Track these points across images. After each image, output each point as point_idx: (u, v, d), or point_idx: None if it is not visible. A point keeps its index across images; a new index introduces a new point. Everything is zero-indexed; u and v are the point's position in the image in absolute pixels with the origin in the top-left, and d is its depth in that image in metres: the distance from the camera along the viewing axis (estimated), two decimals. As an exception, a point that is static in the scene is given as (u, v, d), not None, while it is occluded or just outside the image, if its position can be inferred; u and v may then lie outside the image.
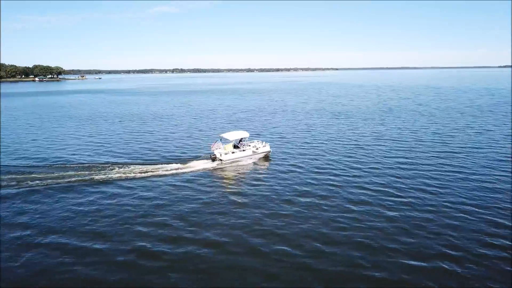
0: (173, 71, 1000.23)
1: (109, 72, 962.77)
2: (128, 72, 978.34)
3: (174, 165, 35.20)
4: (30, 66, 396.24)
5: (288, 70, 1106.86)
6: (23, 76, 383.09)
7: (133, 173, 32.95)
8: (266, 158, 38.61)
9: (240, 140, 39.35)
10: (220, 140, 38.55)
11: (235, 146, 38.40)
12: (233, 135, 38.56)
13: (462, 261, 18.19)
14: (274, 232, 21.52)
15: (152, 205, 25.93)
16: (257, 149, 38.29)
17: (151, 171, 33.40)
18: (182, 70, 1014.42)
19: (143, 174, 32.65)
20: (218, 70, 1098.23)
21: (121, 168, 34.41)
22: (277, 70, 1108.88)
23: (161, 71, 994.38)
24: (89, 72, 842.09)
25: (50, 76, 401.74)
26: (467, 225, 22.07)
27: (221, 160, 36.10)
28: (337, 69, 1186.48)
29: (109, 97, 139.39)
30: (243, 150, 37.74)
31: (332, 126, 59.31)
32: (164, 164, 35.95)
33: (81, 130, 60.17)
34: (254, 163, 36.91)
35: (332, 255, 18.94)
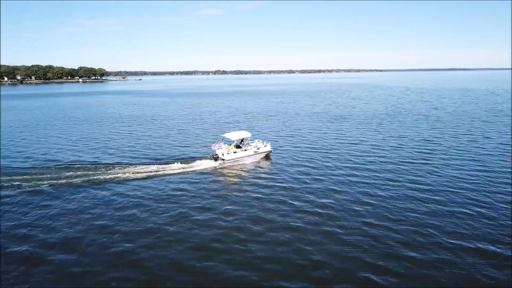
0: (215, 72, 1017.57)
1: (154, 73, 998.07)
2: (172, 73, 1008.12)
3: (177, 165, 35.72)
4: (76, 68, 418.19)
5: (330, 71, 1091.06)
6: (69, 78, 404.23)
7: (137, 172, 33.52)
8: (267, 157, 39.26)
9: (242, 140, 39.81)
10: (222, 140, 39.08)
11: (237, 146, 38.78)
12: (235, 135, 38.93)
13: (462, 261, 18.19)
14: (275, 229, 21.92)
15: (155, 204, 26.26)
16: (258, 149, 38.77)
17: (155, 171, 34.02)
18: (224, 72, 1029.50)
19: (146, 174, 33.16)
20: (259, 72, 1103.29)
21: (125, 168, 34.99)
22: (319, 71, 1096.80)
23: (203, 72, 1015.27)
24: (136, 73, 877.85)
25: (93, 77, 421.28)
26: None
27: (223, 159, 36.63)
28: (381, 70, 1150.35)
29: (129, 98, 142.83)
30: (245, 150, 38.22)
31: (332, 128, 58.86)
32: (167, 164, 36.40)
33: (88, 130, 60.70)
34: (256, 163, 37.52)
35: (335, 254, 19.04)
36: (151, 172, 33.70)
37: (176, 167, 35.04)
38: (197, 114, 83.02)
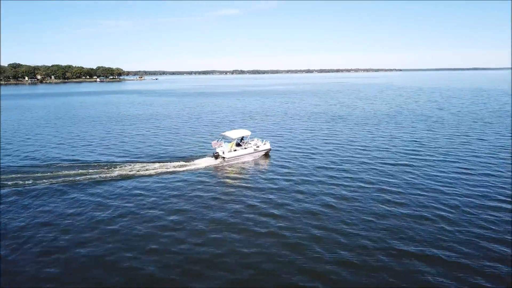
0: (232, 72, 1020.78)
1: (173, 73, 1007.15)
2: (190, 73, 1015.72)
3: (179, 163, 36.44)
4: (94, 67, 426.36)
5: (349, 71, 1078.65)
6: (88, 77, 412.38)
7: (140, 170, 34.08)
8: (267, 155, 39.80)
9: (242, 139, 40.46)
10: (222, 138, 39.79)
11: (237, 144, 39.36)
12: (235, 133, 39.54)
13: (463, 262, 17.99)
14: (276, 224, 22.49)
15: (159, 201, 26.68)
16: (258, 147, 39.40)
17: (157, 169, 34.57)
18: (241, 72, 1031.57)
19: (148, 172, 33.74)
20: (277, 71, 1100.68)
21: (128, 166, 35.54)
22: (337, 71, 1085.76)
23: (221, 72, 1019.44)
24: (154, 73, 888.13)
25: (111, 77, 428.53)
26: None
27: (223, 157, 37.26)
28: (400, 70, 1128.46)
29: (137, 98, 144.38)
30: (245, 148, 38.85)
31: (326, 128, 58.71)
32: (168, 162, 37.01)
33: (92, 130, 61.26)
34: (255, 161, 38.23)
35: (333, 250, 19.24)
36: (154, 170, 34.35)
37: (177, 165, 35.70)
38: (199, 114, 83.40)
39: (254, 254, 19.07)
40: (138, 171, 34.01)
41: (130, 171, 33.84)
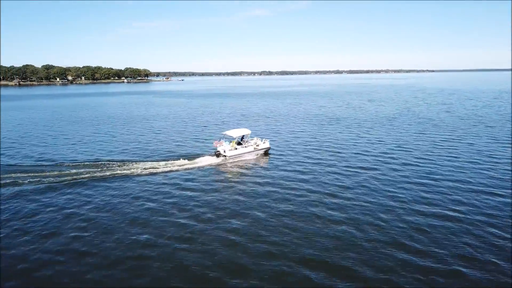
0: (260, 73, 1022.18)
1: (202, 74, 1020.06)
2: (219, 74, 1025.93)
3: (182, 161, 37.50)
4: (123, 68, 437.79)
5: (379, 72, 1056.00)
6: (116, 78, 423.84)
7: (145, 169, 35.05)
8: (266, 153, 41.15)
9: (242, 137, 41.66)
10: (223, 137, 41.06)
11: (238, 143, 40.50)
12: (236, 132, 40.82)
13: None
14: (276, 218, 23.35)
15: (162, 198, 27.32)
16: (257, 145, 40.67)
17: (161, 167, 35.62)
18: (269, 73, 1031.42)
19: (153, 170, 34.69)
20: (305, 72, 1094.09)
21: (133, 164, 36.60)
22: (367, 72, 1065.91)
23: (249, 73, 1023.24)
24: (184, 74, 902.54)
25: (138, 78, 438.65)
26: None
27: (225, 156, 38.47)
28: (432, 71, 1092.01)
29: (150, 98, 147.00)
30: (245, 147, 40.07)
31: (328, 128, 59.11)
32: (172, 160, 38.13)
33: (98, 130, 62.70)
34: (256, 159, 39.52)
35: (330, 247, 19.58)
36: (158, 168, 35.44)
37: (181, 163, 36.76)
38: (204, 114, 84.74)
39: (261, 241, 20.23)
40: (145, 169, 35.02)
41: (137, 169, 34.75)
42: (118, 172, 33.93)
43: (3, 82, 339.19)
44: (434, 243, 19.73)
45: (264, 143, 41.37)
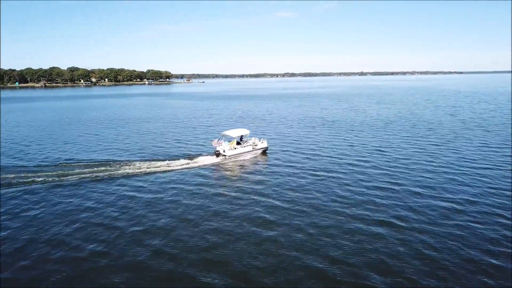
0: (283, 75, 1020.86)
1: (226, 76, 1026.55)
2: (242, 76, 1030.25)
3: (183, 161, 38.46)
4: (145, 70, 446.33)
5: (404, 73, 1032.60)
6: (138, 80, 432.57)
7: (146, 168, 36.04)
8: (264, 153, 42.28)
9: (241, 137, 42.71)
10: (222, 137, 41.83)
11: (237, 143, 41.46)
12: (235, 132, 42.07)
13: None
14: (276, 214, 24.16)
15: (165, 197, 28.06)
16: (256, 145, 41.87)
17: (163, 167, 36.53)
18: (292, 74, 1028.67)
19: (154, 169, 35.65)
20: (329, 74, 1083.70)
21: (135, 164, 37.42)
22: (392, 73, 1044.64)
23: (272, 75, 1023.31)
24: (207, 76, 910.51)
25: (160, 79, 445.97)
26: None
27: (224, 155, 39.44)
28: (461, 72, 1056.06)
29: (159, 100, 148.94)
30: (244, 147, 41.21)
31: (325, 130, 59.38)
32: (173, 160, 39.05)
33: (102, 131, 63.80)
34: (254, 158, 40.55)
35: (327, 243, 19.98)
36: (160, 167, 36.24)
37: (181, 163, 37.61)
38: (206, 115, 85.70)
39: (262, 238, 20.80)
40: (146, 168, 36.01)
41: (138, 169, 35.60)
42: (120, 172, 34.56)
43: (30, 84, 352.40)
44: (434, 244, 19.76)
45: (262, 142, 42.55)
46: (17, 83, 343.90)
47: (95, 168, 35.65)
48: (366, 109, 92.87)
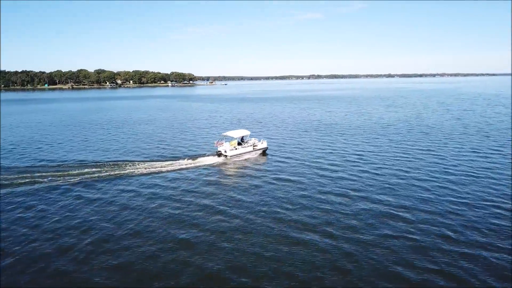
0: (309, 77, 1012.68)
1: (251, 78, 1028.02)
2: (267, 78, 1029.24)
3: (186, 161, 39.66)
4: (169, 73, 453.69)
5: (433, 75, 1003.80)
6: (162, 82, 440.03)
7: (150, 168, 37.15)
8: (264, 153, 43.53)
9: (242, 138, 43.99)
10: (224, 138, 43.10)
11: (238, 143, 42.60)
12: (237, 133, 43.28)
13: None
14: (275, 213, 24.79)
15: (168, 195, 28.76)
16: (256, 146, 43.05)
17: (166, 166, 37.66)
18: (318, 76, 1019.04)
19: (158, 169, 36.76)
20: (356, 76, 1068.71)
21: (139, 164, 38.56)
22: (421, 75, 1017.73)
23: (297, 77, 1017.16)
24: (233, 78, 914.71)
25: (184, 81, 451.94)
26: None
27: (226, 155, 40.87)
28: (494, 74, 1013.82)
29: (168, 103, 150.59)
30: (245, 147, 42.32)
31: (325, 133, 59.39)
32: (176, 160, 40.34)
33: (106, 132, 64.88)
34: (254, 158, 41.74)
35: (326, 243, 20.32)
36: (164, 167, 37.36)
37: (184, 163, 38.85)
38: (210, 117, 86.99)
39: (264, 233, 21.53)
40: (150, 167, 37.04)
41: (142, 169, 36.62)
42: (123, 172, 35.39)
43: (58, 86, 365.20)
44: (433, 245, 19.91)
45: (262, 143, 43.70)
46: (46, 85, 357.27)
47: (97, 168, 36.58)
48: (372, 112, 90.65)
